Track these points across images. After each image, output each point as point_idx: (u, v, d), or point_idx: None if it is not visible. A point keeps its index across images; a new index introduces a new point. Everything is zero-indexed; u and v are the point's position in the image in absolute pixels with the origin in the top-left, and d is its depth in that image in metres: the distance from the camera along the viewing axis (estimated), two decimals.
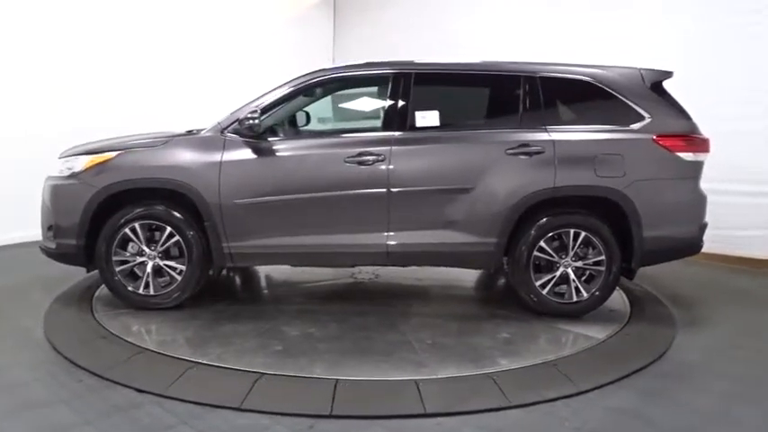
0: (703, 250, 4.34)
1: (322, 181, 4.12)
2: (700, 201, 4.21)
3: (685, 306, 4.69)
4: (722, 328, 4.26)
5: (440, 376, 3.26)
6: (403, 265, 4.47)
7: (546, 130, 4.14)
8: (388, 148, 4.11)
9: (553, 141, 4.09)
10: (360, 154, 4.09)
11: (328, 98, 5.30)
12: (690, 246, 4.26)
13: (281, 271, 5.32)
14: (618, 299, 4.60)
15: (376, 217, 4.14)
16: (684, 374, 3.47)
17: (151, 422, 2.79)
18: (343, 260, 4.41)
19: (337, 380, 3.17)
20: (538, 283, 4.17)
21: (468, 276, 5.32)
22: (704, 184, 4.22)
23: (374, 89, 4.64)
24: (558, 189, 4.07)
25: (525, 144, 4.09)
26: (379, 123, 4.33)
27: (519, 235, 4.14)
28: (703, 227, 4.25)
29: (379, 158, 4.09)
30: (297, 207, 4.13)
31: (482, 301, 5.00)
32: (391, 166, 4.08)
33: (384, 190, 4.09)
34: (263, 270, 5.47)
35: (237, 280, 5.32)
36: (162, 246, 4.19)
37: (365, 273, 5.26)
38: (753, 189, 5.74)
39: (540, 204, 4.11)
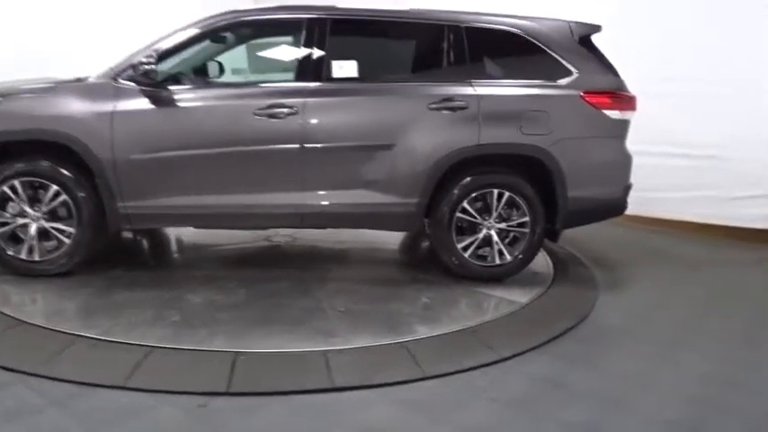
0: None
1: (229, 135, 3.75)
2: (625, 161, 4.09)
3: (607, 267, 4.64)
4: (642, 289, 4.21)
5: (352, 346, 3.02)
6: (319, 228, 4.18)
7: (471, 84, 3.89)
8: (302, 100, 3.77)
9: (478, 96, 3.85)
10: (270, 106, 3.74)
11: (243, 48, 4.89)
12: (614, 207, 4.16)
13: (191, 233, 4.92)
14: (541, 261, 4.48)
15: (288, 175, 3.82)
16: (607, 338, 3.38)
17: (15, 405, 2.43)
18: (254, 222, 4.06)
19: (237, 353, 2.87)
20: (460, 246, 3.98)
21: (392, 239, 5.08)
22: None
23: (288, 36, 4.25)
24: (482, 147, 3.85)
25: (449, 98, 3.84)
26: (292, 73, 3.96)
27: (441, 195, 3.92)
28: (628, 188, 4.15)
29: (292, 111, 3.74)
30: (201, 163, 3.76)
31: (405, 264, 4.80)
32: (305, 120, 3.75)
33: (297, 146, 3.76)
34: (172, 232, 5.06)
35: (143, 243, 4.91)
36: (47, 206, 3.73)
37: (282, 235, 4.94)
38: (670, 151, 5.71)
39: (464, 163, 3.88)
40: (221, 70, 4.26)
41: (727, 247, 5.32)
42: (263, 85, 4.04)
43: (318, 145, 3.77)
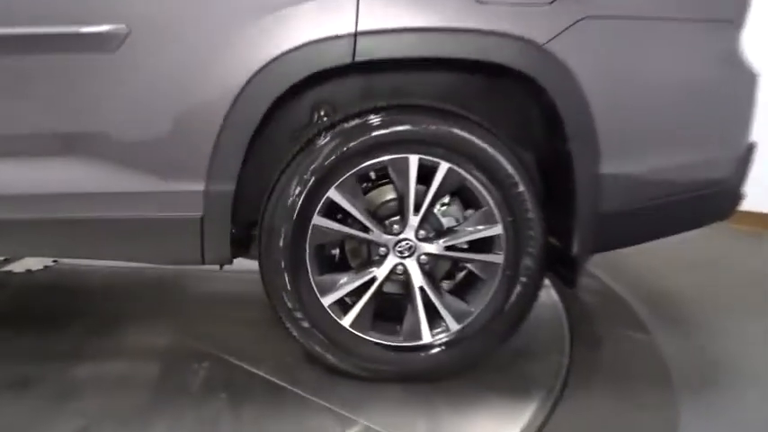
0: None
1: None
2: (745, 83, 1.64)
3: (683, 329, 2.19)
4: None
5: None
6: None
7: None
8: None
9: None
10: None
11: None
12: (719, 198, 1.71)
13: None
14: (542, 316, 2.05)
15: None
16: None
17: None
18: None
19: None
20: (327, 301, 1.58)
21: None
22: None
23: None
24: (367, 41, 1.43)
25: None
26: None
27: (268, 171, 1.53)
28: (750, 150, 1.70)
29: None
30: None
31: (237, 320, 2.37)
32: None
33: None
34: None
35: None
36: None
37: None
38: None
39: (319, 84, 1.48)
40: None
41: None
42: None
43: None
